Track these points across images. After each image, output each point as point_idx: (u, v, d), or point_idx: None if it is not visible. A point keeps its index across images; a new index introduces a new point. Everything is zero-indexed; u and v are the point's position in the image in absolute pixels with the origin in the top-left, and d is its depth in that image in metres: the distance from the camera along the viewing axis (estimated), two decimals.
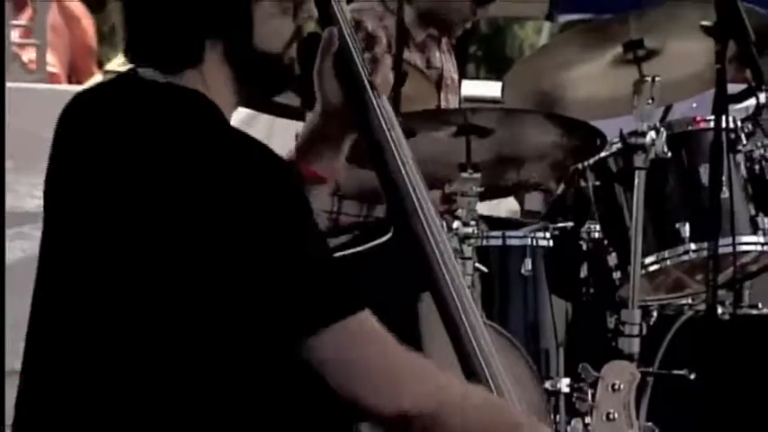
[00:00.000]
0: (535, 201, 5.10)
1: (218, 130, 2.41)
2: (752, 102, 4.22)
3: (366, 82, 2.68)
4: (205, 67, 2.46)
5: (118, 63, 10.35)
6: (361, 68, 2.68)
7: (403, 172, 2.68)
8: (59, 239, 2.52)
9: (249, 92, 2.54)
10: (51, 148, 2.55)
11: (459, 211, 3.76)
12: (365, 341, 2.37)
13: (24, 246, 4.36)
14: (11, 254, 4.35)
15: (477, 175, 3.78)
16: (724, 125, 3.58)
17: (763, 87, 3.93)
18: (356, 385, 2.36)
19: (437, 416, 2.40)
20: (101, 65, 9.17)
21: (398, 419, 2.38)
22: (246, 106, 2.71)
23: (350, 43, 2.67)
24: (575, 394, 3.41)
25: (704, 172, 3.90)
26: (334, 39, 2.63)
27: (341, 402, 2.38)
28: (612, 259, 4.01)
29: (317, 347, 2.33)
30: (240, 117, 4.48)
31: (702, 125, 4.03)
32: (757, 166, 4.11)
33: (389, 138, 2.68)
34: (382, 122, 2.68)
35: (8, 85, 6.55)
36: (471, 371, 2.61)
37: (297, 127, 3.60)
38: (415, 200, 2.68)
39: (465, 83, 4.80)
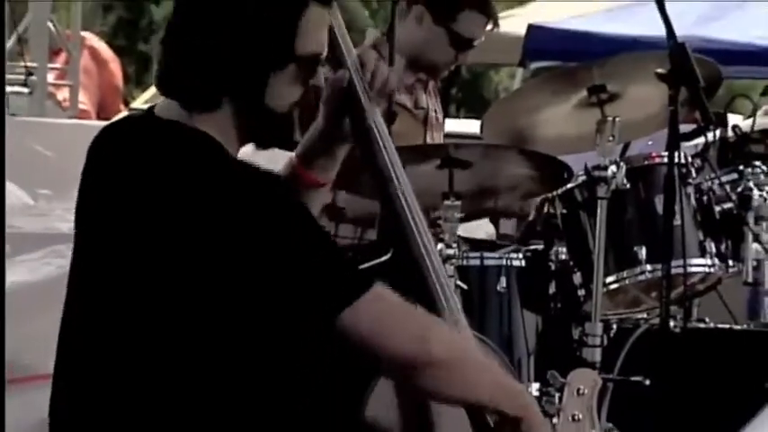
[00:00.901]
0: (509, 225, 5.09)
1: (224, 161, 2.44)
2: (701, 140, 4.23)
3: (368, 115, 2.70)
4: (219, 114, 2.48)
5: (142, 101, 10.39)
6: (364, 102, 2.70)
7: (401, 195, 2.70)
8: (88, 256, 2.53)
9: (252, 141, 2.55)
10: (82, 175, 2.55)
11: (443, 234, 3.76)
12: (392, 303, 2.43)
13: (59, 263, 4.35)
14: (47, 269, 4.35)
15: (459, 203, 3.78)
16: (676, 160, 3.59)
17: (711, 127, 3.94)
18: (391, 338, 2.41)
19: (452, 365, 2.45)
20: (126, 103, 9.20)
21: (420, 365, 2.43)
22: None
23: (357, 83, 2.69)
24: (544, 398, 3.39)
25: (659, 202, 3.89)
26: (343, 79, 2.68)
27: (370, 363, 2.47)
28: (577, 278, 4.00)
29: (355, 316, 2.38)
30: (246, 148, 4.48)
31: (657, 160, 4.03)
32: (705, 197, 4.12)
33: (390, 163, 2.71)
34: (383, 150, 2.70)
35: (45, 120, 6.55)
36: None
37: None
38: (411, 220, 2.70)
39: (448, 121, 4.79)
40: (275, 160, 2.71)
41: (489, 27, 4.30)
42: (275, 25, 2.45)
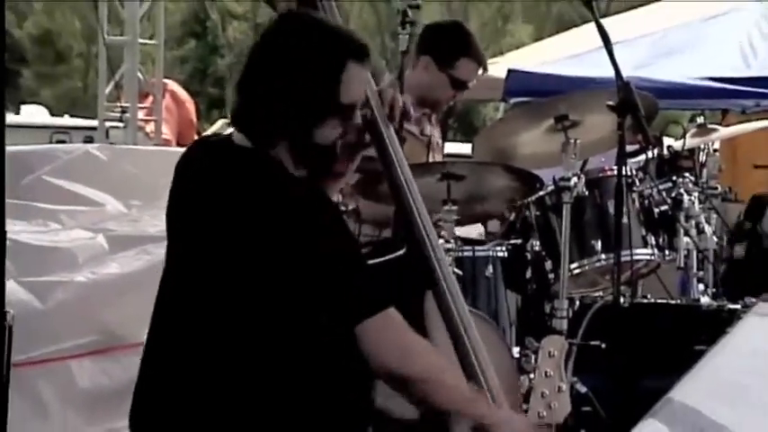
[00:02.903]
0: (494, 225, 5.05)
1: (283, 179, 2.42)
2: (643, 157, 4.21)
3: (387, 140, 2.66)
4: (276, 149, 2.46)
5: (211, 132, 10.38)
6: (383, 126, 2.66)
7: (414, 206, 2.66)
8: (177, 251, 2.51)
9: (303, 167, 2.50)
10: (172, 185, 2.54)
11: (443, 233, 3.74)
12: (393, 327, 2.40)
13: (147, 258, 4.33)
14: (138, 263, 4.33)
15: (455, 208, 3.76)
16: (624, 173, 3.56)
17: (650, 147, 3.91)
18: (384, 354, 2.38)
19: (428, 381, 2.42)
20: (199, 133, 9.20)
21: (404, 379, 2.40)
22: None
23: (378, 114, 2.67)
24: (523, 358, 3.38)
25: (610, 205, 3.87)
26: (368, 112, 2.66)
27: (367, 365, 2.40)
28: (548, 265, 3.97)
29: (364, 330, 2.36)
30: None
31: (609, 173, 4.01)
32: (647, 201, 4.10)
33: (403, 178, 2.67)
34: (398, 167, 2.67)
35: (136, 147, 6.55)
36: (460, 345, 2.59)
37: None
38: (420, 222, 2.66)
39: (446, 144, 4.77)
40: None
41: (480, 72, 4.28)
42: (322, 81, 2.42)
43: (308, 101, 2.41)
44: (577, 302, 4.04)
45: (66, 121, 14.34)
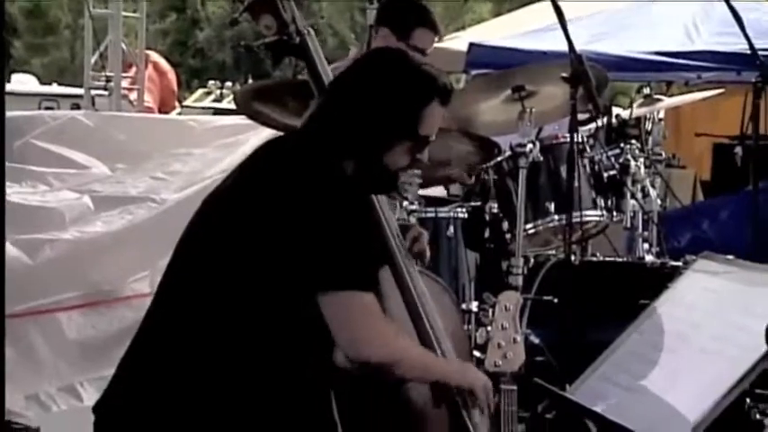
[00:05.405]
0: (456, 188, 5.05)
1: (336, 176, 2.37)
2: (593, 125, 4.22)
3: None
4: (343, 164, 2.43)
5: (191, 101, 10.31)
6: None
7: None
8: (206, 224, 2.44)
9: (365, 187, 2.48)
10: (239, 167, 2.49)
11: (407, 194, 3.72)
12: (356, 312, 2.31)
13: (129, 218, 4.31)
14: (121, 222, 4.30)
15: (419, 171, 3.73)
16: (576, 140, 3.56)
17: (600, 116, 3.92)
18: (340, 337, 2.30)
19: (387, 365, 2.36)
20: (180, 101, 9.12)
21: (362, 364, 2.34)
22: None
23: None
24: (481, 312, 3.37)
25: (563, 170, 3.88)
26: None
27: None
28: (505, 226, 3.96)
29: (325, 303, 2.28)
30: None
31: (562, 140, 4.00)
32: (596, 167, 4.10)
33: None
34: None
35: (120, 114, 6.49)
36: (413, 309, 2.57)
37: None
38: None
39: None
40: None
41: (436, 40, 4.23)
42: (406, 111, 2.46)
43: (390, 125, 2.44)
44: (532, 260, 4.05)
45: (55, 89, 14.12)
